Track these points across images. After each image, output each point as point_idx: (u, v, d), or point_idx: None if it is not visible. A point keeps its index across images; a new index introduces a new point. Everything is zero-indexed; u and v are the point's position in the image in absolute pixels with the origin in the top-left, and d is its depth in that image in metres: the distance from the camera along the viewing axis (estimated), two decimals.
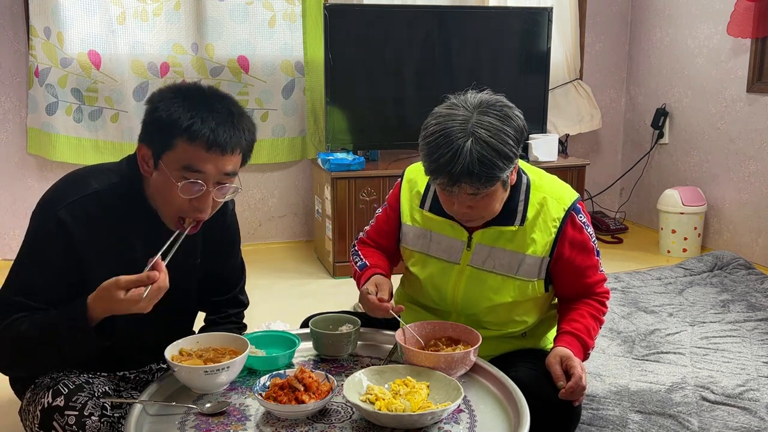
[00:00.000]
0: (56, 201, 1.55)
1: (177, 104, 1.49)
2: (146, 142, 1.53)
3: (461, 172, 1.57)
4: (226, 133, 1.50)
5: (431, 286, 1.88)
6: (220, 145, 1.49)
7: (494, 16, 4.04)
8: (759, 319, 2.96)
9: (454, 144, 1.58)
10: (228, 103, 1.55)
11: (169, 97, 1.51)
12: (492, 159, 1.58)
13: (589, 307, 1.85)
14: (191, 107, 1.49)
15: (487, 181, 1.60)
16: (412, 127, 3.95)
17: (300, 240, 4.29)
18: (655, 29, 4.45)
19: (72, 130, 3.69)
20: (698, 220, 4.00)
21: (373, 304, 1.74)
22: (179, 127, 1.47)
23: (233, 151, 1.53)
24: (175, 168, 1.50)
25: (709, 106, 4.09)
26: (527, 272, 1.79)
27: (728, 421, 2.13)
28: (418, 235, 1.88)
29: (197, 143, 1.48)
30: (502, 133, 1.60)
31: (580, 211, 1.82)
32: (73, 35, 3.57)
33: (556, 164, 3.94)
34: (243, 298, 1.97)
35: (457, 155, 1.57)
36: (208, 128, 1.48)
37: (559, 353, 1.73)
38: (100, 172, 1.63)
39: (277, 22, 3.93)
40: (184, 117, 1.48)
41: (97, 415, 1.48)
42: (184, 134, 1.48)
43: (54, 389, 1.50)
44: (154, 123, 1.50)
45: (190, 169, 1.50)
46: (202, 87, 1.57)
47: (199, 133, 1.47)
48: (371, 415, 1.44)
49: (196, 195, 1.52)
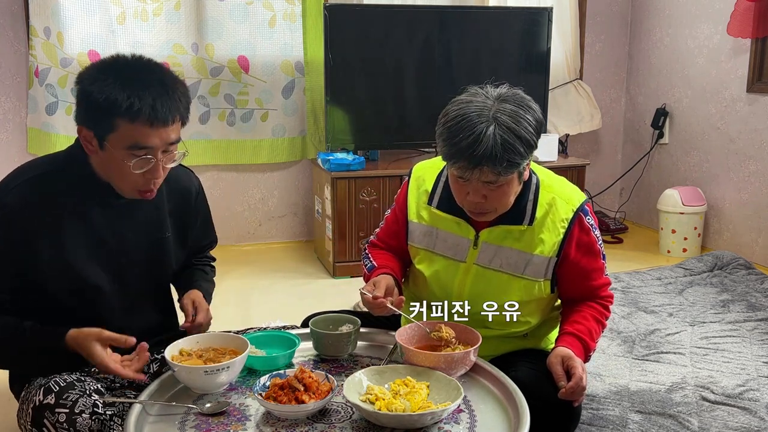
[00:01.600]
0: (2, 189, 1.58)
1: (110, 84, 1.49)
2: (86, 125, 1.55)
3: (483, 155, 1.57)
4: (164, 105, 1.51)
5: (436, 284, 1.87)
6: (162, 119, 1.51)
7: (494, 16, 4.04)
8: (759, 319, 2.96)
9: (477, 128, 1.58)
10: (159, 74, 1.56)
11: (100, 78, 1.51)
12: (514, 144, 1.58)
13: (593, 310, 1.85)
14: (125, 85, 1.49)
15: (508, 167, 1.60)
16: (412, 127, 4.01)
17: (300, 240, 4.29)
18: (655, 29, 4.45)
19: (72, 130, 3.61)
20: (698, 220, 4.00)
21: (370, 304, 1.73)
22: (119, 109, 1.48)
23: (174, 121, 1.55)
24: (121, 147, 1.52)
25: (709, 106, 4.09)
26: (534, 272, 1.79)
27: (728, 421, 2.13)
28: (424, 233, 1.87)
29: (139, 122, 1.50)
30: (524, 120, 1.61)
31: (588, 213, 1.81)
32: (73, 35, 3.57)
33: (556, 164, 3.93)
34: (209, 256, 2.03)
35: (480, 138, 1.57)
36: (147, 105, 1.49)
37: (560, 353, 1.73)
38: (46, 157, 1.69)
39: (277, 22, 3.93)
40: (121, 98, 1.48)
41: (88, 412, 1.49)
42: (125, 116, 1.49)
43: (45, 387, 1.51)
44: (92, 106, 1.50)
45: (136, 146, 1.52)
46: (129, 59, 1.57)
47: (140, 112, 1.49)
48: (371, 415, 1.44)
49: (147, 168, 1.55)
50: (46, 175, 1.60)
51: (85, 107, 1.52)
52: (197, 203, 1.85)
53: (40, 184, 1.58)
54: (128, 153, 1.52)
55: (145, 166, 1.55)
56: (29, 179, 1.58)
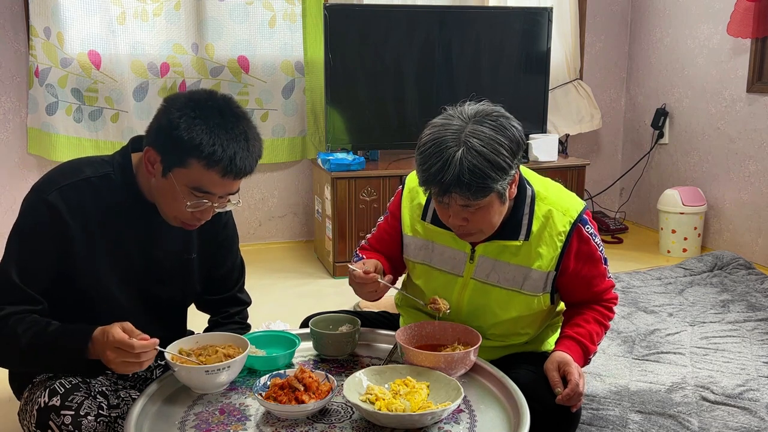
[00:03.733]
0: (47, 186, 1.57)
1: (198, 125, 1.49)
2: (158, 150, 1.53)
3: (451, 181, 1.53)
4: (242, 161, 1.52)
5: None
6: (235, 173, 1.52)
7: (494, 16, 4.04)
8: (759, 319, 2.96)
9: (444, 153, 1.54)
10: (244, 126, 1.55)
11: (189, 115, 1.50)
12: (483, 169, 1.53)
13: (595, 313, 1.84)
14: (212, 131, 1.49)
15: (479, 192, 1.55)
16: (412, 127, 4.01)
17: (300, 240, 4.29)
18: (655, 29, 4.45)
19: (72, 130, 3.69)
20: (698, 220, 4.00)
21: (359, 279, 1.71)
22: (199, 153, 1.48)
23: (245, 176, 1.56)
24: (184, 184, 1.52)
25: (709, 106, 4.09)
26: (532, 286, 1.76)
27: (728, 421, 2.13)
28: (420, 246, 1.85)
29: (213, 170, 1.50)
30: (495, 143, 1.55)
31: (587, 222, 1.77)
32: (73, 35, 3.57)
33: (556, 164, 3.94)
34: (243, 297, 1.97)
35: (448, 164, 1.53)
36: (227, 157, 1.50)
37: (556, 359, 1.73)
38: (94, 161, 1.65)
39: (277, 22, 3.93)
40: (206, 143, 1.48)
41: (93, 414, 1.48)
42: (203, 160, 1.49)
43: (50, 389, 1.51)
44: (173, 139, 1.49)
45: (200, 189, 1.53)
46: (220, 103, 1.55)
47: (218, 162, 1.49)
48: (371, 415, 1.44)
49: (200, 209, 1.56)
50: (93, 182, 1.59)
51: (165, 136, 1.51)
52: (226, 227, 1.84)
53: (86, 191, 1.58)
54: (189, 191, 1.53)
55: (199, 206, 1.55)
56: (76, 183, 1.57)
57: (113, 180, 1.61)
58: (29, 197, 1.58)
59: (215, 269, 1.85)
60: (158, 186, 1.57)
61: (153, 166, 1.55)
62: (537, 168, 3.84)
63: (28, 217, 1.56)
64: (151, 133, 1.55)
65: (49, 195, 1.54)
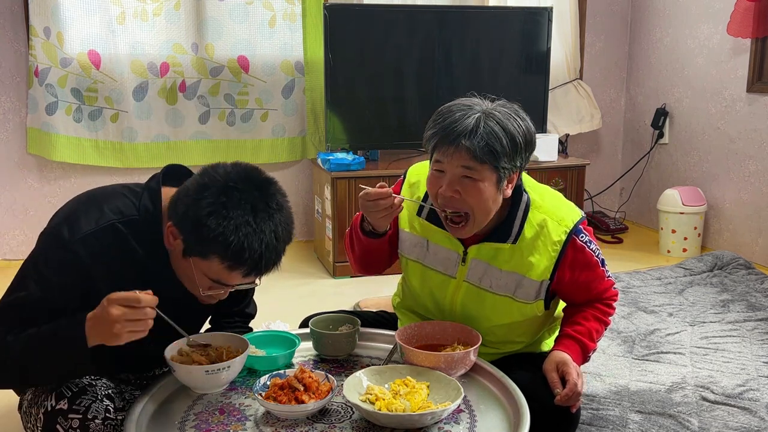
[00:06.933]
0: (71, 230, 1.49)
1: (227, 226, 1.39)
2: (181, 234, 1.45)
3: (463, 130, 1.58)
4: (267, 264, 1.46)
5: (429, 298, 1.86)
6: (257, 274, 1.47)
7: (494, 16, 4.04)
8: (759, 319, 2.96)
9: (467, 112, 1.62)
10: (277, 220, 1.46)
11: (221, 213, 1.40)
12: (497, 133, 1.59)
13: (594, 310, 1.84)
14: (239, 230, 1.40)
15: (486, 153, 1.58)
16: (412, 127, 4.00)
17: (300, 240, 4.29)
18: (655, 29, 4.45)
19: (72, 130, 3.69)
20: (698, 220, 4.00)
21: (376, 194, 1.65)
22: (223, 254, 1.41)
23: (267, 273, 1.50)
24: (203, 272, 1.47)
25: (709, 106, 4.09)
26: (525, 294, 1.76)
27: (728, 421, 2.13)
28: (414, 243, 1.85)
29: (236, 272, 1.45)
30: (514, 121, 1.63)
31: (581, 231, 1.76)
32: (73, 35, 3.57)
33: (556, 164, 3.94)
34: (250, 311, 1.97)
35: (465, 117, 1.60)
36: (253, 261, 1.43)
37: (555, 359, 1.73)
38: (118, 197, 1.56)
39: (277, 22, 3.93)
40: (233, 247, 1.39)
41: (101, 418, 1.48)
42: (226, 261, 1.42)
43: (57, 392, 1.50)
44: (198, 233, 1.41)
45: (219, 282, 1.48)
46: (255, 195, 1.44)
47: (243, 266, 1.43)
48: (371, 415, 1.44)
49: (217, 293, 1.53)
50: (116, 228, 1.51)
51: (192, 226, 1.42)
52: None
53: (110, 238, 1.50)
54: (206, 280, 1.48)
55: (216, 290, 1.51)
56: (100, 230, 1.49)
57: (138, 230, 1.53)
58: (51, 242, 1.50)
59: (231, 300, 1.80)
60: (177, 261, 1.51)
61: (175, 240, 1.48)
62: (537, 168, 3.85)
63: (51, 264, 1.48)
64: (178, 213, 1.46)
65: (73, 245, 1.47)
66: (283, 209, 1.49)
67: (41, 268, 1.49)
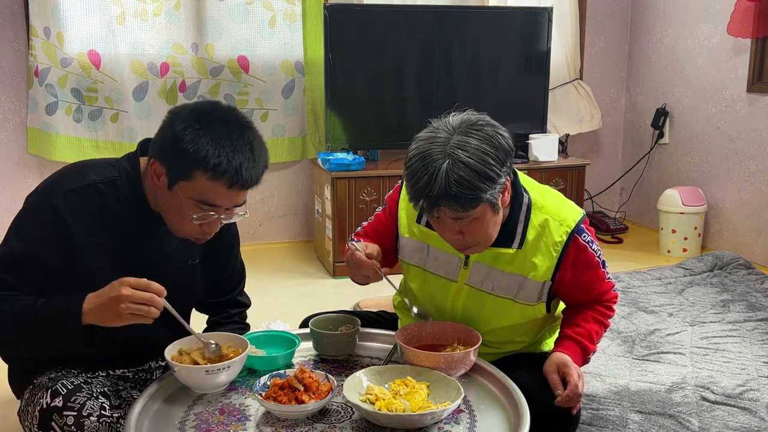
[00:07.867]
0: (52, 189, 1.56)
1: (203, 136, 1.47)
2: (163, 163, 1.52)
3: (439, 194, 1.52)
4: (247, 172, 1.51)
5: (430, 302, 1.86)
6: (241, 184, 1.51)
7: (494, 16, 4.04)
8: (759, 319, 2.96)
9: (431, 167, 1.52)
10: (249, 136, 1.53)
11: (194, 126, 1.49)
12: (470, 180, 1.51)
13: (595, 312, 1.83)
14: (217, 142, 1.48)
15: (468, 203, 1.53)
16: (412, 127, 3.94)
17: (300, 240, 4.29)
18: (655, 29, 4.45)
19: (72, 130, 3.69)
20: (698, 220, 4.00)
21: (359, 260, 1.70)
22: (205, 165, 1.47)
23: (251, 186, 1.55)
24: (189, 197, 1.51)
25: (709, 106, 4.09)
26: (527, 296, 1.75)
27: (728, 421, 2.13)
28: (415, 249, 1.84)
29: (219, 182, 1.49)
30: (482, 152, 1.53)
31: (584, 231, 1.75)
32: (73, 35, 3.57)
33: (556, 164, 3.94)
34: (243, 299, 1.97)
35: (434, 177, 1.51)
36: (233, 168, 1.48)
37: (556, 360, 1.72)
38: (100, 165, 1.63)
39: (277, 22, 3.93)
40: (211, 154, 1.46)
41: (96, 415, 1.48)
42: (208, 172, 1.48)
43: (52, 389, 1.50)
44: (177, 151, 1.48)
45: (206, 202, 1.52)
46: (224, 114, 1.54)
47: (224, 174, 1.48)
48: (371, 415, 1.44)
49: (207, 221, 1.55)
50: (98, 187, 1.58)
51: (170, 148, 1.50)
52: (229, 231, 1.83)
53: (91, 196, 1.57)
54: (195, 204, 1.52)
55: (205, 219, 1.55)
56: (81, 188, 1.56)
57: (119, 186, 1.59)
58: (33, 200, 1.57)
59: (217, 273, 1.85)
60: (164, 200, 1.56)
61: (159, 179, 1.54)
62: (537, 168, 3.85)
63: (31, 218, 1.55)
64: (156, 145, 1.54)
65: (54, 199, 1.53)
66: (252, 127, 1.57)
67: (22, 224, 1.55)
